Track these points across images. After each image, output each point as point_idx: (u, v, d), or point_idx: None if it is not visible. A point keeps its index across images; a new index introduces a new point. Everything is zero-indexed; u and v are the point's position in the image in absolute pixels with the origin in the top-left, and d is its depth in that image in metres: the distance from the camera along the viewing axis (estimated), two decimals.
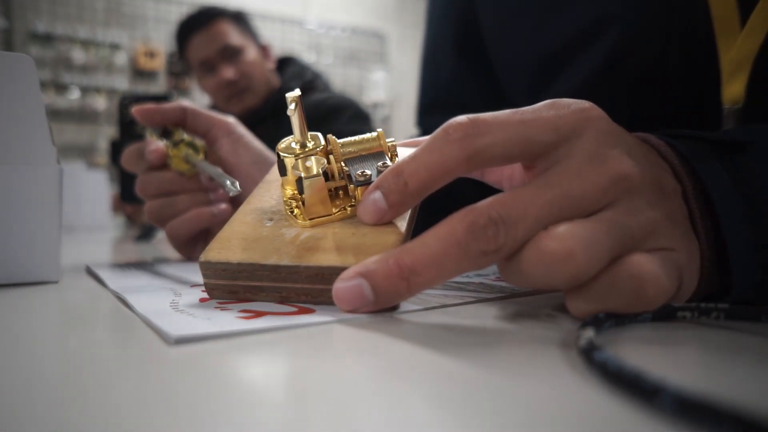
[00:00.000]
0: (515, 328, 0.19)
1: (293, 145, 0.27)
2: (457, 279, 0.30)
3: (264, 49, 1.31)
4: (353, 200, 0.26)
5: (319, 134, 0.27)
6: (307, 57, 3.20)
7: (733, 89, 0.29)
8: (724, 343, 0.18)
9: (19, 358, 0.16)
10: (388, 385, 0.13)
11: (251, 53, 1.25)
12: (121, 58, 3.13)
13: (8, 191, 0.28)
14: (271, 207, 0.27)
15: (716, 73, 0.30)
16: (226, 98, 1.25)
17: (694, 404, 0.10)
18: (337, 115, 1.22)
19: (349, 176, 0.25)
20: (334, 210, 0.25)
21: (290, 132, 0.27)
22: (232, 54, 1.22)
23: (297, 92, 0.25)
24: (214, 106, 1.34)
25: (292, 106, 0.25)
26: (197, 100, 3.30)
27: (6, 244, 0.28)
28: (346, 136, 0.29)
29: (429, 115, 0.58)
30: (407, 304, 0.23)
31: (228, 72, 1.21)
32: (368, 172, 0.25)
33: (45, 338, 0.18)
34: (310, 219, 0.25)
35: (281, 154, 0.26)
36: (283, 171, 0.26)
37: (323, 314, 0.21)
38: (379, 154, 0.26)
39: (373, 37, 3.82)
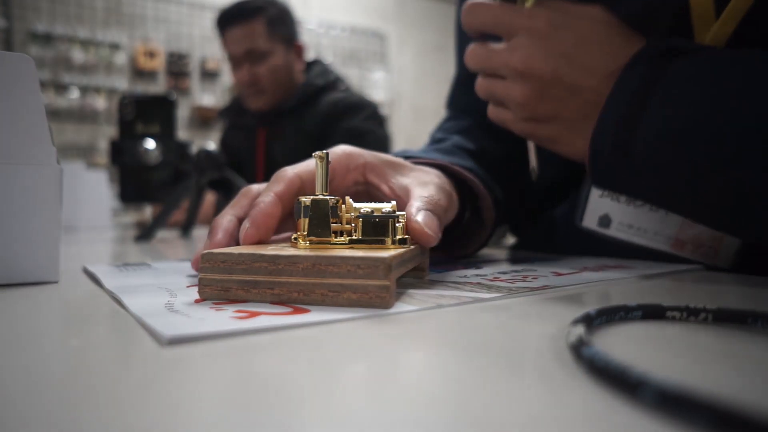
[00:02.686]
0: (510, 325, 0.20)
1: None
2: (455, 279, 0.31)
3: (298, 48, 1.34)
4: (353, 233, 0.27)
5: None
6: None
7: None
8: (709, 342, 0.18)
9: (15, 359, 0.16)
10: (384, 384, 0.14)
11: (277, 58, 1.27)
12: (120, 58, 3.13)
13: (8, 191, 0.28)
14: None
15: None
16: (245, 94, 1.31)
17: (674, 396, 0.11)
18: (355, 112, 1.26)
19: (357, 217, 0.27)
20: (333, 237, 0.27)
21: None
22: (256, 57, 1.25)
23: (324, 152, 0.28)
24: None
25: (318, 161, 0.28)
26: (197, 100, 3.30)
27: (6, 244, 0.28)
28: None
29: (465, 87, 0.57)
30: (403, 305, 0.23)
31: (243, 75, 1.26)
32: (369, 211, 0.27)
33: (41, 339, 0.19)
34: (309, 240, 0.27)
35: (301, 198, 0.28)
36: (298, 214, 0.28)
37: (318, 314, 0.21)
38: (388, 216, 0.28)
39: (373, 37, 3.82)
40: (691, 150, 0.29)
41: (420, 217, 0.28)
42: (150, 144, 0.71)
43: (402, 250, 0.25)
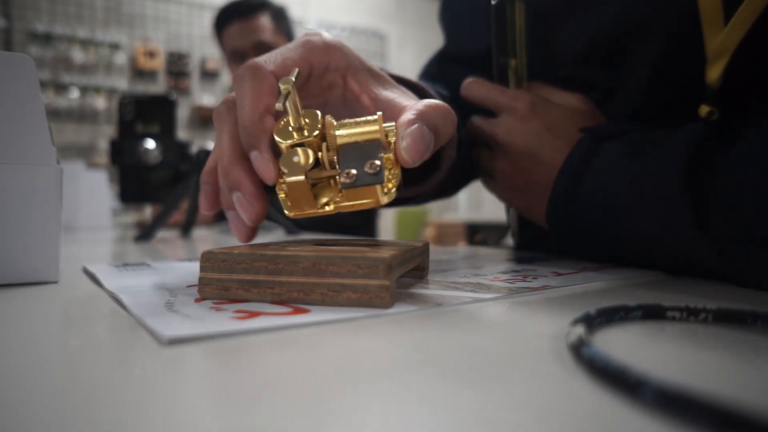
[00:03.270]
0: (510, 325, 0.20)
1: (289, 128, 0.27)
2: (455, 279, 0.31)
3: None
4: (340, 195, 0.26)
5: (318, 112, 0.27)
6: None
7: (713, 73, 0.34)
8: (709, 342, 0.18)
9: (15, 359, 0.16)
10: (383, 384, 0.14)
11: None
12: (120, 58, 3.13)
13: (8, 191, 0.28)
14: None
15: (702, 59, 0.35)
16: None
17: (674, 396, 0.11)
18: None
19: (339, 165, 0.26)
20: (319, 203, 0.26)
21: None
22: (264, 50, 1.26)
23: (291, 78, 0.26)
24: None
25: (282, 89, 0.25)
26: (197, 100, 3.30)
27: (6, 244, 0.28)
28: None
29: (452, 65, 0.57)
30: (403, 305, 0.23)
31: None
32: (354, 171, 0.25)
33: (41, 339, 0.19)
34: (294, 213, 0.26)
35: (276, 137, 0.26)
36: (277, 153, 0.27)
37: (318, 314, 0.21)
38: (375, 145, 0.26)
39: (373, 37, 3.82)
40: (617, 218, 0.33)
41: (409, 131, 0.26)
42: (150, 144, 0.71)
43: (402, 250, 0.25)
